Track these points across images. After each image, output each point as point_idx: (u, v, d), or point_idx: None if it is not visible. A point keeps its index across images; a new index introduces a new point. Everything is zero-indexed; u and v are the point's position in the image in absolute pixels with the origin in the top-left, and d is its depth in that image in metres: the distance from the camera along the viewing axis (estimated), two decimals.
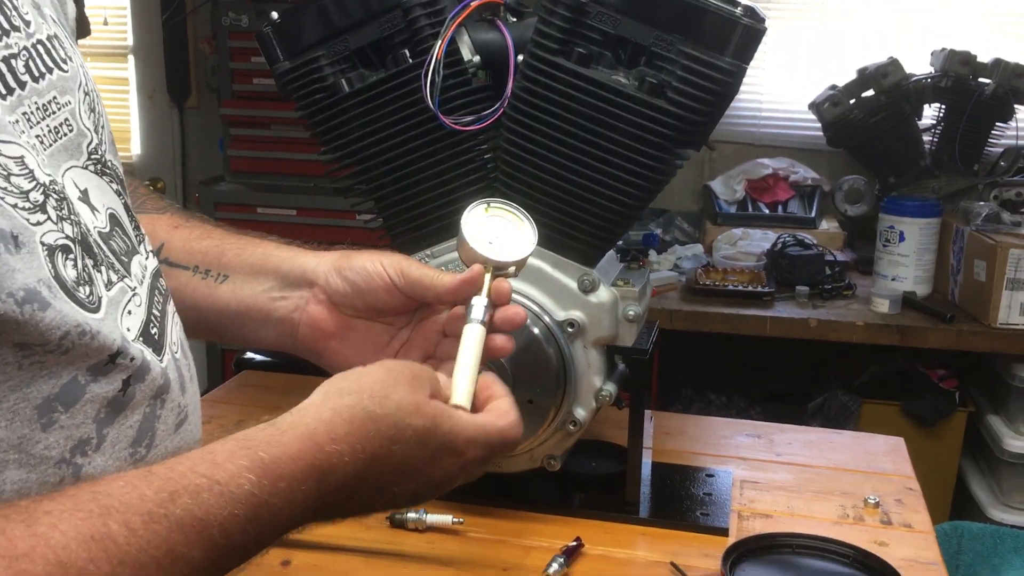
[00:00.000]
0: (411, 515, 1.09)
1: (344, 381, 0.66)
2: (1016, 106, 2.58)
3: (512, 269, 0.81)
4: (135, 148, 3.57)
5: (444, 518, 1.09)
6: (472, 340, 0.77)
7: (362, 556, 1.04)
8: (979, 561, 1.55)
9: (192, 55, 3.38)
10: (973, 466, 2.49)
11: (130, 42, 3.50)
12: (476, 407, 0.73)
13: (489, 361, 1.05)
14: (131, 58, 3.51)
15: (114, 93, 3.57)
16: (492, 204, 0.84)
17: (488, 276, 0.80)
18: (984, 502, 2.33)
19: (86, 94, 0.63)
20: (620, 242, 2.91)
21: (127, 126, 3.56)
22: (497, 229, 0.82)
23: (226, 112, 3.00)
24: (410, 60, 1.08)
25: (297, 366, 2.02)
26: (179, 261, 0.85)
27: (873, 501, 1.18)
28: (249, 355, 2.21)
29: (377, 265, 0.82)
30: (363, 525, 1.09)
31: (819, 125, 2.71)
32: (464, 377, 0.74)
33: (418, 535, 1.09)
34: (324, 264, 0.84)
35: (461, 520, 1.09)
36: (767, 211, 2.88)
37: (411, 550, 1.06)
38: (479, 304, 0.78)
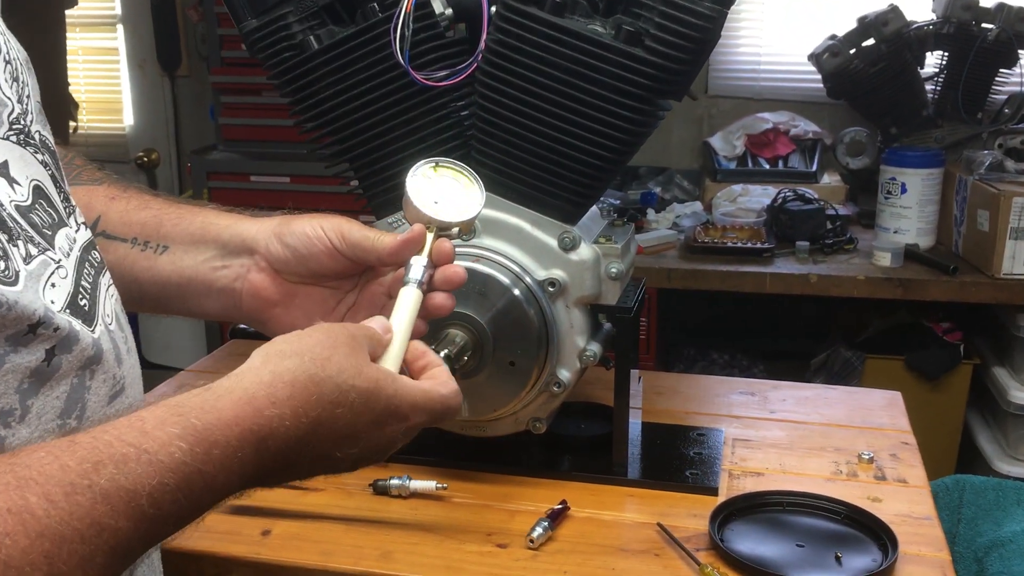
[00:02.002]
0: (394, 481, 1.07)
1: (284, 344, 0.64)
2: (1020, 51, 2.52)
3: (456, 230, 0.79)
4: (128, 119, 3.53)
5: (428, 484, 1.07)
6: (405, 303, 0.75)
7: (344, 524, 1.03)
8: (981, 515, 1.52)
9: (181, 22, 3.33)
10: (979, 419, 2.46)
11: (118, 11, 3.45)
12: (412, 374, 0.72)
13: (470, 323, 1.03)
14: (120, 27, 3.46)
15: (104, 63, 3.53)
16: (441, 163, 0.82)
17: (431, 236, 0.78)
18: (990, 455, 2.31)
19: (7, 63, 0.61)
20: (617, 201, 2.87)
21: (118, 97, 3.52)
22: (444, 189, 0.80)
23: (216, 79, 2.96)
24: (379, 14, 1.04)
25: None
26: (117, 233, 0.83)
27: (867, 456, 1.15)
28: (244, 325, 2.19)
29: (317, 229, 0.80)
30: (345, 492, 1.08)
31: (819, 77, 2.65)
32: (395, 340, 0.72)
33: (401, 501, 1.07)
34: (264, 231, 0.82)
35: (445, 486, 1.07)
36: (767, 166, 2.84)
37: (394, 517, 1.04)
38: (417, 264, 0.77)
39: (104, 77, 3.54)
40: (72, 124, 3.18)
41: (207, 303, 0.83)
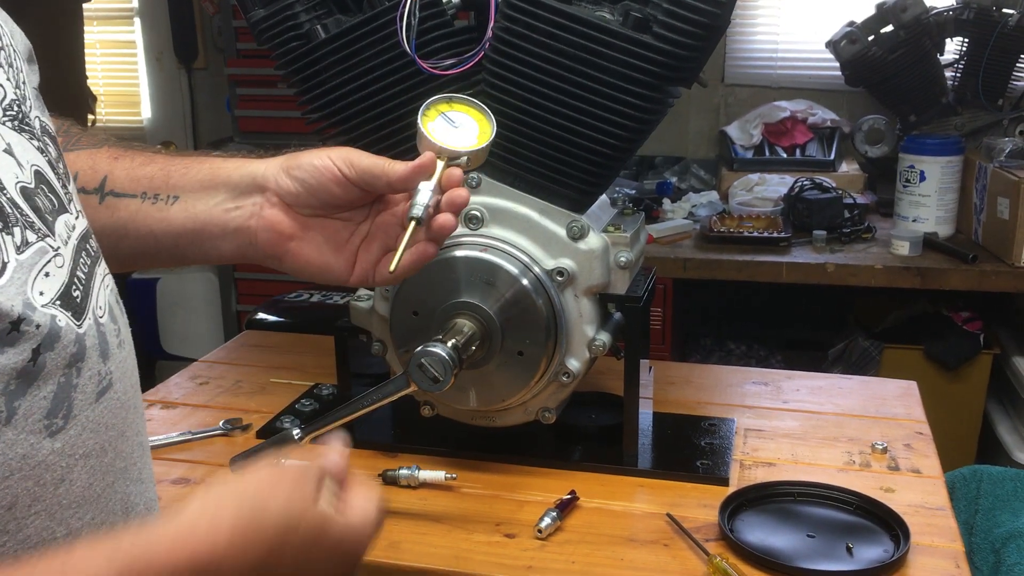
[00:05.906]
0: (403, 471, 1.07)
1: (223, 487, 0.58)
2: None
3: (465, 159, 0.80)
4: (145, 111, 3.54)
5: (437, 474, 1.07)
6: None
7: None
8: (998, 505, 1.51)
9: (197, 15, 3.34)
10: (999, 409, 2.43)
11: (135, 4, 3.47)
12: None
13: (478, 313, 1.02)
14: (137, 20, 3.48)
15: (122, 56, 3.54)
16: (455, 99, 0.83)
17: (441, 164, 0.79)
18: (1010, 445, 2.28)
19: (1, 49, 0.60)
20: (633, 191, 2.85)
21: (136, 89, 3.53)
22: (456, 122, 0.82)
23: (232, 71, 2.97)
24: (386, 2, 1.04)
25: (300, 326, 1.99)
26: (125, 190, 0.82)
27: (881, 447, 1.14)
28: (261, 316, 2.20)
29: (325, 159, 0.80)
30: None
31: (837, 64, 2.62)
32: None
33: (410, 491, 1.07)
34: (272, 167, 0.82)
35: (454, 476, 1.07)
36: (784, 155, 2.81)
37: (403, 507, 1.04)
38: (425, 189, 0.78)
39: (122, 70, 3.56)
40: (91, 117, 3.19)
41: (223, 245, 0.83)
